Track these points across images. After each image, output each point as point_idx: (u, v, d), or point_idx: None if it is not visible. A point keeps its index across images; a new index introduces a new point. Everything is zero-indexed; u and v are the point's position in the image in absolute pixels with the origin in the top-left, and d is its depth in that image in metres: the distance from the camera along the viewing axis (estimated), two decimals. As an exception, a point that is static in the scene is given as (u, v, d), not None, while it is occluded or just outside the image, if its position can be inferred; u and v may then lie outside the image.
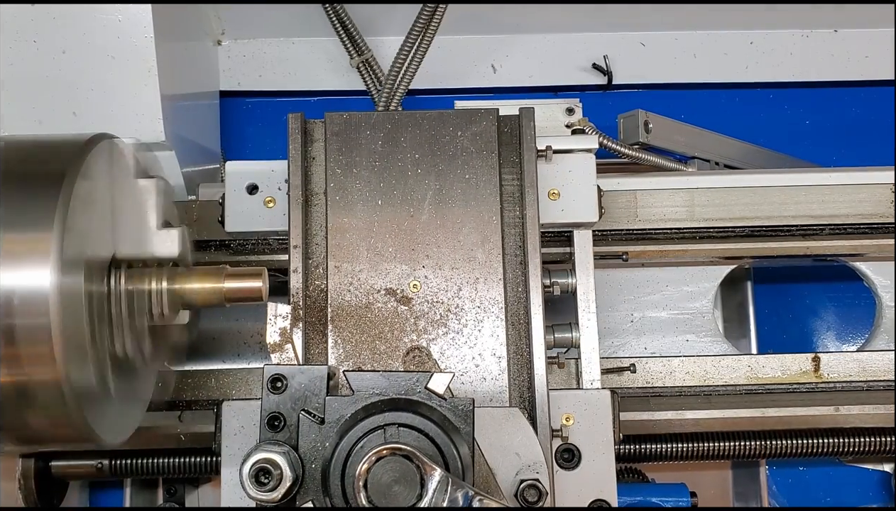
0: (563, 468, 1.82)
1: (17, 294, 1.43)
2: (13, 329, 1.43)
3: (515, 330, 1.84)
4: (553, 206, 1.96)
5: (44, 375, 1.45)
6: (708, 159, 2.54)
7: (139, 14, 2.05)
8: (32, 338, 1.44)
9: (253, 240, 2.06)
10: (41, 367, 1.45)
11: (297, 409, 1.52)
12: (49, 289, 1.43)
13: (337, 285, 1.83)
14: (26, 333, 1.44)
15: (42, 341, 1.43)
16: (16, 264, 1.45)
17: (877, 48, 2.78)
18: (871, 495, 2.51)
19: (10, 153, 1.60)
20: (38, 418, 1.52)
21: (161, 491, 2.39)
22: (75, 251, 1.51)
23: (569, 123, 2.20)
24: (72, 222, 1.49)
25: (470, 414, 1.49)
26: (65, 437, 1.58)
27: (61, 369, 1.45)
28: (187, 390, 2.11)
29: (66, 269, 1.46)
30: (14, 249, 1.46)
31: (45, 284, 1.43)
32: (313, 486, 1.47)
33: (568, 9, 2.68)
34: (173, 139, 2.13)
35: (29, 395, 1.47)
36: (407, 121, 1.90)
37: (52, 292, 1.43)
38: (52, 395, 1.47)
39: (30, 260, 1.45)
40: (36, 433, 1.57)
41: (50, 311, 1.43)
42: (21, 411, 1.50)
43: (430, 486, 1.41)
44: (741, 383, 2.18)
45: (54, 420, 1.52)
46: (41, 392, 1.47)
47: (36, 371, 1.45)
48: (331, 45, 2.72)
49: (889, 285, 2.37)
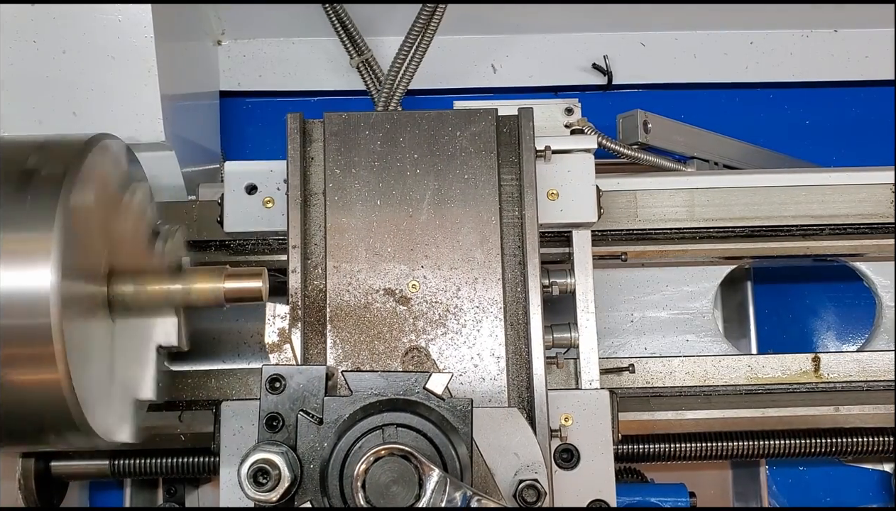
0: (562, 468, 1.82)
1: (17, 294, 1.44)
2: (13, 329, 1.44)
3: (514, 330, 1.84)
4: (552, 206, 1.96)
5: (44, 375, 1.46)
6: (707, 159, 2.54)
7: (139, 14, 2.05)
8: (32, 338, 1.44)
9: (253, 240, 2.07)
10: (41, 367, 1.45)
11: (296, 410, 1.52)
12: (49, 289, 1.43)
13: (336, 285, 1.83)
14: (26, 333, 1.44)
15: (42, 341, 1.44)
16: (16, 264, 1.45)
17: (877, 48, 2.78)
18: (871, 495, 2.51)
19: (10, 153, 1.60)
20: (38, 418, 1.52)
21: (161, 491, 2.39)
22: (75, 252, 1.51)
23: (568, 123, 2.21)
24: (72, 223, 1.49)
25: (468, 414, 1.49)
26: (65, 437, 1.58)
27: (61, 369, 1.45)
28: (187, 390, 2.11)
29: (66, 269, 1.46)
30: (14, 249, 1.46)
31: (46, 285, 1.44)
32: (312, 487, 1.48)
33: (568, 9, 2.68)
34: (173, 139, 2.14)
35: (29, 395, 1.48)
36: (406, 121, 1.90)
37: (52, 292, 1.44)
38: (52, 395, 1.47)
39: (30, 260, 1.45)
40: (36, 433, 1.57)
41: (50, 311, 1.43)
42: (21, 411, 1.50)
43: (429, 487, 1.41)
44: (741, 383, 2.18)
45: (54, 420, 1.52)
46: (41, 392, 1.47)
47: (36, 371, 1.46)
48: (331, 45, 2.72)
49: (889, 285, 2.37)
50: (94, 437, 1.58)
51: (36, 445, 1.88)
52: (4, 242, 1.46)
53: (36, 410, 1.50)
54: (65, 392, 1.47)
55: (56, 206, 1.48)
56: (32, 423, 1.53)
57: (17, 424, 1.54)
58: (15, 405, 1.49)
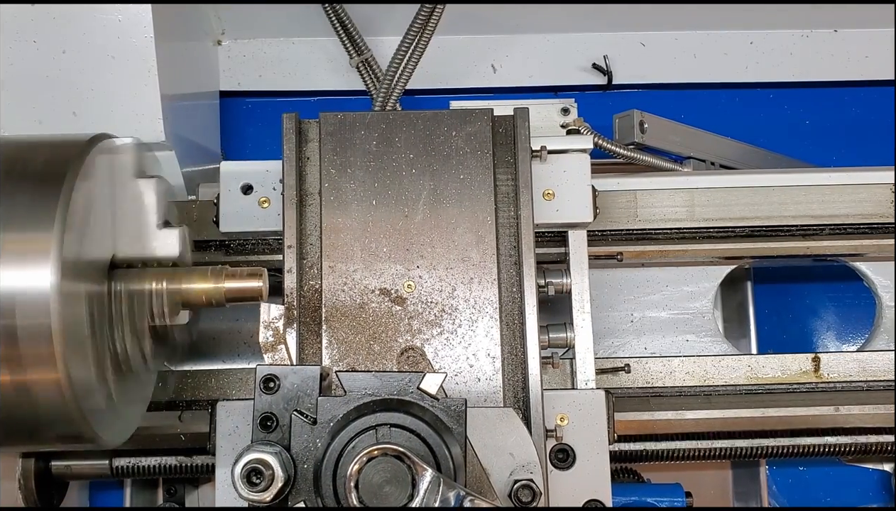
0: (558, 468, 1.81)
1: (18, 294, 1.44)
2: (13, 329, 1.44)
3: (510, 330, 1.84)
4: (548, 206, 1.95)
5: (44, 375, 1.46)
6: (703, 159, 2.54)
7: (139, 14, 2.06)
8: (32, 338, 1.44)
9: (252, 240, 2.07)
10: (41, 367, 1.46)
11: (290, 410, 1.52)
12: (49, 289, 1.44)
13: (331, 285, 1.83)
14: (26, 333, 1.44)
15: (42, 341, 1.44)
16: (16, 264, 1.45)
17: (877, 48, 2.77)
18: (871, 495, 2.51)
19: (10, 153, 1.60)
20: (38, 418, 1.52)
21: (161, 491, 2.40)
22: (75, 251, 1.51)
23: (564, 124, 2.21)
24: (72, 222, 1.49)
25: (462, 414, 1.49)
26: (65, 437, 1.59)
27: (61, 369, 1.46)
28: (187, 390, 2.11)
29: (66, 269, 1.46)
30: (14, 249, 1.46)
31: (46, 284, 1.44)
32: (305, 487, 1.48)
33: (568, 9, 2.68)
34: (173, 139, 2.14)
35: (29, 395, 1.48)
36: (401, 121, 1.90)
37: (52, 292, 1.44)
38: (52, 395, 1.48)
39: (30, 260, 1.45)
40: (36, 433, 1.57)
41: (50, 311, 1.44)
42: (21, 411, 1.51)
43: (422, 487, 1.41)
44: (741, 383, 2.18)
45: (54, 420, 1.52)
46: (41, 392, 1.48)
47: (36, 371, 1.46)
48: (330, 45, 2.73)
49: (889, 285, 2.37)
50: (94, 437, 1.58)
51: (36, 445, 1.89)
52: (4, 242, 1.47)
53: (36, 410, 1.50)
54: (65, 392, 1.47)
55: (56, 205, 1.48)
56: (32, 423, 1.54)
57: (17, 424, 1.54)
58: (15, 405, 1.50)
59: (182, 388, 2.12)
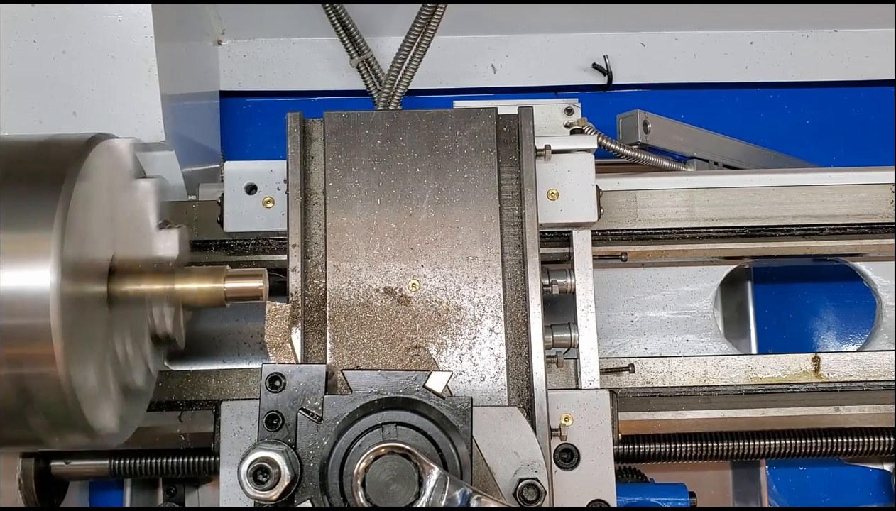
0: (562, 468, 1.81)
1: (17, 294, 1.43)
2: (13, 329, 1.43)
3: (514, 329, 1.84)
4: (552, 206, 1.95)
5: (44, 375, 1.45)
6: (707, 159, 2.55)
7: (139, 14, 2.05)
8: (32, 338, 1.43)
9: (253, 240, 2.06)
10: (41, 367, 1.45)
11: (296, 408, 1.52)
12: (49, 289, 1.43)
13: (336, 284, 1.83)
14: (26, 333, 1.44)
15: (42, 341, 1.43)
16: (16, 264, 1.44)
17: (877, 48, 2.78)
18: (871, 495, 2.51)
19: (10, 153, 1.59)
20: (38, 418, 1.51)
21: (161, 491, 2.39)
22: (75, 251, 1.51)
23: (568, 123, 2.21)
24: (72, 222, 1.49)
25: (468, 412, 1.49)
26: (65, 438, 1.58)
27: (61, 369, 1.45)
28: (187, 390, 2.10)
29: (66, 269, 1.45)
30: (14, 249, 1.45)
31: (45, 284, 1.43)
32: (311, 485, 1.48)
33: (568, 9, 2.68)
34: (173, 139, 2.14)
35: (29, 395, 1.47)
36: (406, 120, 1.90)
37: (52, 292, 1.43)
38: (52, 395, 1.47)
39: (30, 260, 1.44)
40: (36, 433, 1.57)
41: (50, 311, 1.42)
42: (21, 411, 1.50)
43: (428, 485, 1.41)
44: (741, 383, 2.18)
45: (54, 420, 1.52)
46: (41, 392, 1.47)
47: (36, 371, 1.45)
48: (330, 45, 2.73)
49: (889, 285, 2.37)
50: (95, 437, 1.57)
51: (36, 445, 1.88)
52: (4, 242, 1.45)
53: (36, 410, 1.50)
54: (65, 392, 1.47)
55: (56, 205, 1.47)
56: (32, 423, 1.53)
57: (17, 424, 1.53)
58: (15, 405, 1.49)
59: (182, 388, 2.10)
